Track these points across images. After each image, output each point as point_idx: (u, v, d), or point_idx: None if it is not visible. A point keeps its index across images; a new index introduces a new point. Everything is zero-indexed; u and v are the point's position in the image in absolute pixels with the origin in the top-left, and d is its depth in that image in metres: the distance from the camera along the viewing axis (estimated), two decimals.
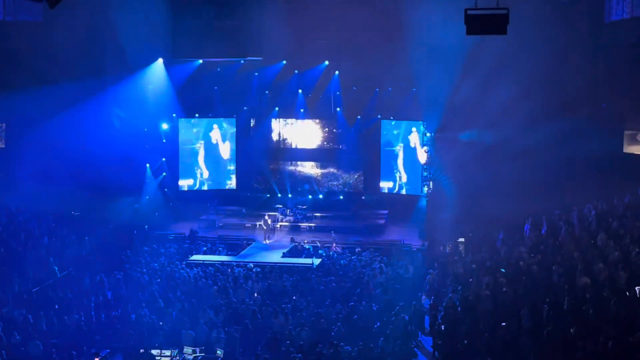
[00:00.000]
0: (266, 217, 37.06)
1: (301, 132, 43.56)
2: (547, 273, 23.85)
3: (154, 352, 21.78)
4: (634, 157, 35.85)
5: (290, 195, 42.65)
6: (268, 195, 43.08)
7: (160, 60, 39.86)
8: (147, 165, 40.62)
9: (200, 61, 40.33)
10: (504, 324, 20.52)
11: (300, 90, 42.20)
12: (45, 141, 37.51)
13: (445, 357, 20.59)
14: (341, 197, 42.59)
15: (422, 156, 39.11)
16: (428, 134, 38.80)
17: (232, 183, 42.69)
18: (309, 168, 43.85)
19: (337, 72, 41.30)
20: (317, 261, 31.60)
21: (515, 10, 18.46)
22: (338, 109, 42.13)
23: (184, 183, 41.69)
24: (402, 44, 36.06)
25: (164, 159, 41.29)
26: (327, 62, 41.09)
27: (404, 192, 41.01)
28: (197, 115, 41.80)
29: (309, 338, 22.60)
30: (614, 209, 29.03)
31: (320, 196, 42.87)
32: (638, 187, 30.34)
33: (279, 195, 42.92)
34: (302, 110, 42.73)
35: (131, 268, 29.36)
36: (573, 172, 33.39)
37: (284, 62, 41.31)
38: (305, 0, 38.15)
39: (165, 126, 41.16)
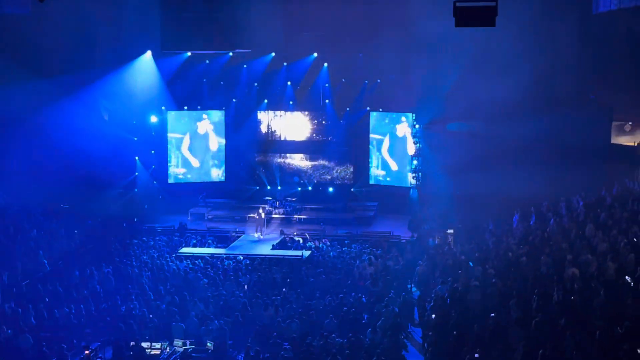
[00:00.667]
0: (260, 211, 36.76)
1: (290, 125, 43.50)
2: (535, 264, 23.94)
3: (144, 344, 21.83)
4: (622, 147, 36.04)
5: (279, 188, 42.61)
6: (257, 188, 43.00)
7: (148, 53, 39.73)
8: (136, 158, 40.51)
9: (189, 54, 40.23)
10: (493, 314, 20.62)
11: (289, 83, 42.15)
12: (33, 134, 37.40)
13: (435, 348, 20.63)
14: (331, 189, 42.55)
15: (411, 147, 39.18)
16: (417, 126, 38.86)
17: (218, 174, 42.48)
18: (298, 160, 43.79)
19: (325, 64, 41.28)
20: (306, 253, 31.62)
21: (503, 2, 18.47)
22: (327, 101, 42.10)
23: (174, 174, 41.60)
24: (392, 36, 36.13)
25: (152, 152, 41.17)
26: (315, 54, 41.05)
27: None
28: (185, 107, 41.69)
29: (299, 330, 22.67)
30: (602, 200, 29.16)
31: (310, 188, 42.85)
32: (626, 177, 30.51)
33: (268, 187, 42.86)
34: (291, 102, 42.67)
35: (121, 261, 29.32)
36: (562, 163, 33.50)
37: (273, 54, 41.25)
38: None
39: (154, 119, 41.00)
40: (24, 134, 37.39)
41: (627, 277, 20.79)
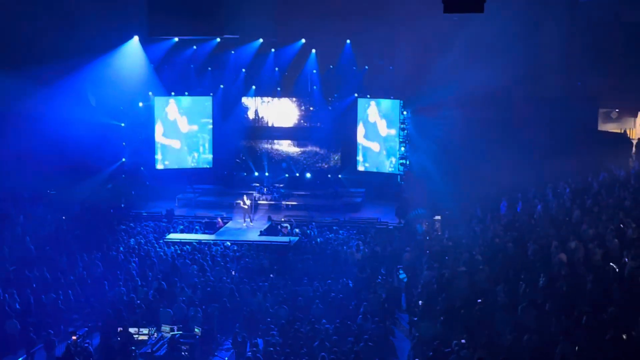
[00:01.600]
0: (244, 198, 36.53)
1: (278, 111, 43.44)
2: (522, 250, 24.04)
3: (132, 330, 21.79)
4: (608, 134, 36.20)
5: (267, 174, 42.56)
6: (245, 174, 42.96)
7: (136, 38, 39.50)
8: (124, 143, 40.37)
9: (176, 39, 40.03)
10: (479, 300, 20.70)
11: (276, 69, 42.08)
12: (20, 121, 37.15)
13: (422, 333, 20.70)
14: (318, 176, 42.55)
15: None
16: (405, 112, 38.88)
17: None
18: (285, 146, 43.82)
19: (314, 51, 41.21)
20: (294, 239, 31.61)
21: None
22: (315, 87, 42.06)
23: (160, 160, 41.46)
24: (380, 22, 36.07)
25: (140, 137, 41.02)
26: (303, 41, 40.97)
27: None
28: (173, 93, 41.49)
29: (287, 316, 22.69)
30: (589, 186, 29.28)
31: (297, 174, 42.84)
32: (612, 164, 30.64)
33: (256, 173, 42.80)
34: (278, 88, 42.63)
35: (108, 247, 29.27)
36: (549, 150, 33.62)
37: (261, 40, 41.13)
38: None
39: (141, 105, 40.82)
40: (10, 121, 37.14)
41: (612, 263, 20.90)
